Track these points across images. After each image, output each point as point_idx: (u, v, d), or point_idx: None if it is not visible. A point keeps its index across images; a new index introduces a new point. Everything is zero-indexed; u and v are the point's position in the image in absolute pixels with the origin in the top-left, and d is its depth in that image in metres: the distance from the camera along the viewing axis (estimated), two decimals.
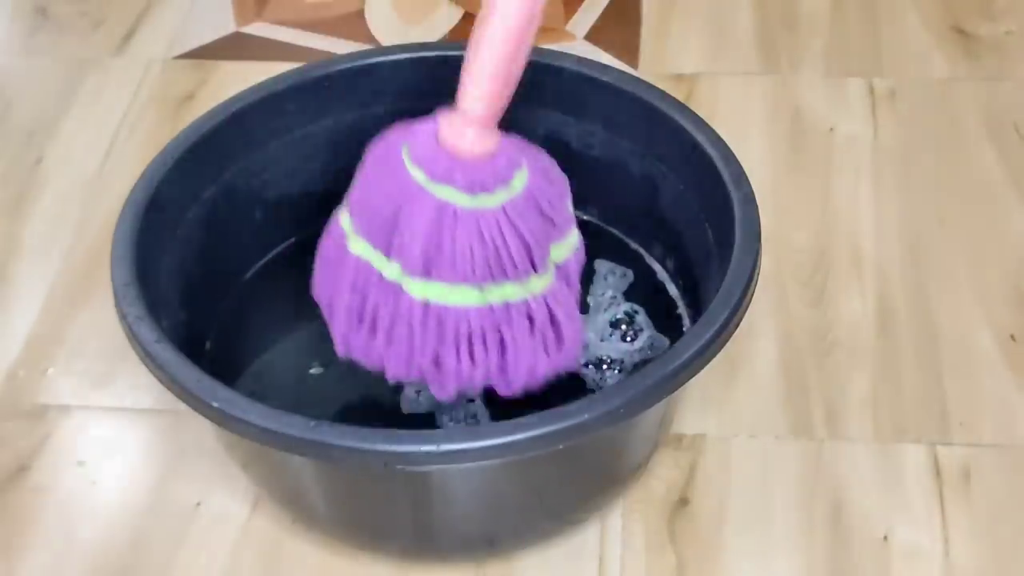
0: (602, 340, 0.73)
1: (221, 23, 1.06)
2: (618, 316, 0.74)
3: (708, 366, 0.61)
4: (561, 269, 0.63)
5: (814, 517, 0.70)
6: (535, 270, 0.60)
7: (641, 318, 0.74)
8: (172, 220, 0.70)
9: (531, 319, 0.60)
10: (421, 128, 0.60)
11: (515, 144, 0.61)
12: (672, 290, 0.76)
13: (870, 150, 0.92)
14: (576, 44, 1.02)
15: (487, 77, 0.57)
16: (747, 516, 0.70)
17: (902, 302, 0.81)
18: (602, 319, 0.74)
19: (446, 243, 0.58)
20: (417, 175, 0.58)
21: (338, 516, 0.68)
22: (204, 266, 0.73)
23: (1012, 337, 0.79)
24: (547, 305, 0.61)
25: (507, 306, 0.59)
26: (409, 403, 0.70)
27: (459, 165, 0.58)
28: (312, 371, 0.73)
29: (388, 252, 0.59)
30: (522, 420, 0.59)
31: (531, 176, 0.60)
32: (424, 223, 0.58)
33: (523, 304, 0.60)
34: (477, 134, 0.58)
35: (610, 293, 0.75)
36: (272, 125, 0.75)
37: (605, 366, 0.72)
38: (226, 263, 0.76)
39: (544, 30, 1.03)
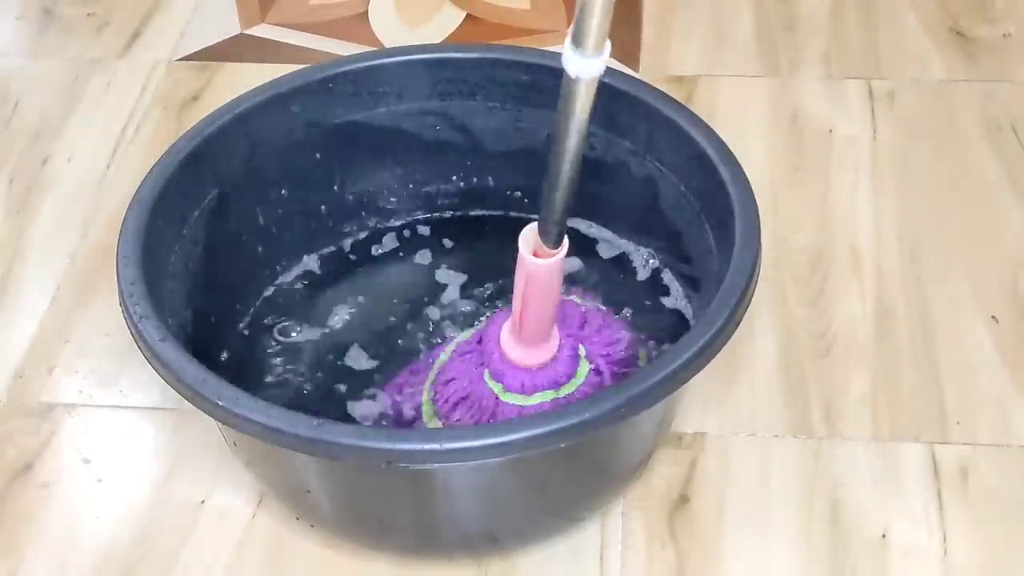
0: None
1: (226, 25, 1.06)
2: None
3: (708, 365, 0.61)
4: None
5: (813, 515, 0.70)
6: None
7: None
8: (178, 220, 0.70)
9: None
10: (493, 345, 0.67)
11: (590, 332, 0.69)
12: (672, 290, 0.77)
13: (869, 151, 0.92)
14: None
15: (534, 323, 0.64)
16: (747, 514, 0.70)
17: (900, 302, 0.81)
18: None
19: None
20: (494, 387, 0.67)
21: (341, 514, 0.68)
22: (209, 266, 0.73)
23: (994, 318, 0.79)
24: None
25: None
26: None
27: (518, 373, 0.66)
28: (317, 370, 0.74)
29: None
30: (523, 419, 0.59)
31: (592, 371, 0.67)
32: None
33: None
34: (532, 353, 0.66)
35: None
36: (276, 126, 0.75)
37: None
38: (231, 263, 0.76)
39: (545, 32, 1.05)
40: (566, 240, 0.61)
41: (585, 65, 0.55)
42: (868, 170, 0.90)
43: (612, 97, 0.74)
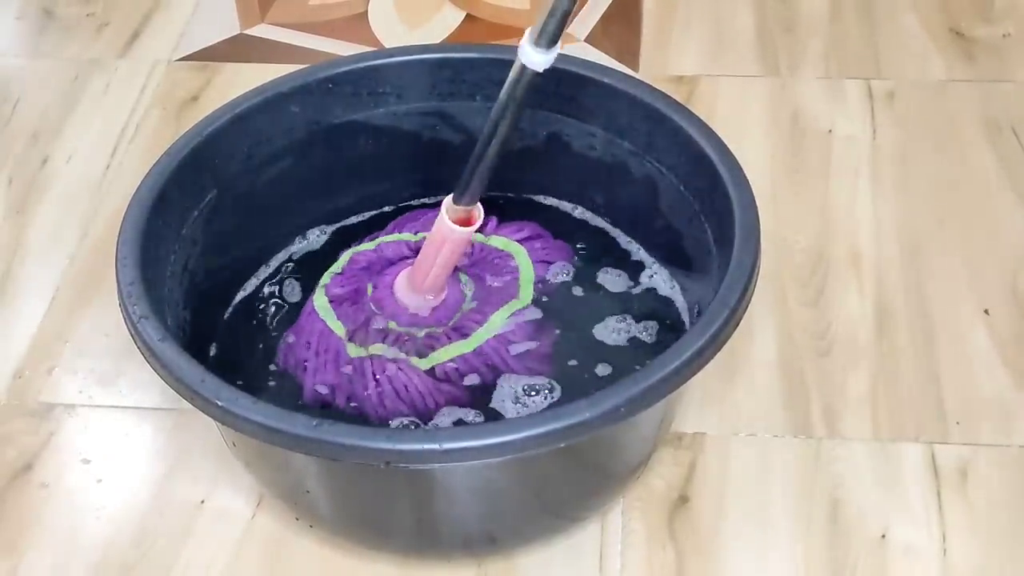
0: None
1: (225, 25, 1.06)
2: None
3: (708, 365, 0.61)
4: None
5: (812, 515, 0.70)
6: None
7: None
8: (177, 220, 0.71)
9: None
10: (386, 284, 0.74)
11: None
12: (672, 290, 0.77)
13: (868, 151, 0.92)
14: (577, 46, 1.03)
15: (433, 277, 0.71)
16: (746, 514, 0.71)
17: (900, 302, 0.81)
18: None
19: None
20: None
21: (340, 514, 0.68)
22: (208, 266, 0.73)
23: (986, 312, 0.80)
24: None
25: None
26: None
27: (404, 314, 0.73)
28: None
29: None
30: (523, 419, 0.59)
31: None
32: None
33: None
34: (416, 300, 0.73)
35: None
36: (276, 126, 0.75)
37: None
38: (230, 263, 0.76)
39: None
40: (480, 212, 0.69)
41: (540, 59, 0.62)
42: (868, 170, 0.90)
43: (612, 97, 0.74)
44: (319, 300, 0.74)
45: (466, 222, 0.69)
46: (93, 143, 0.95)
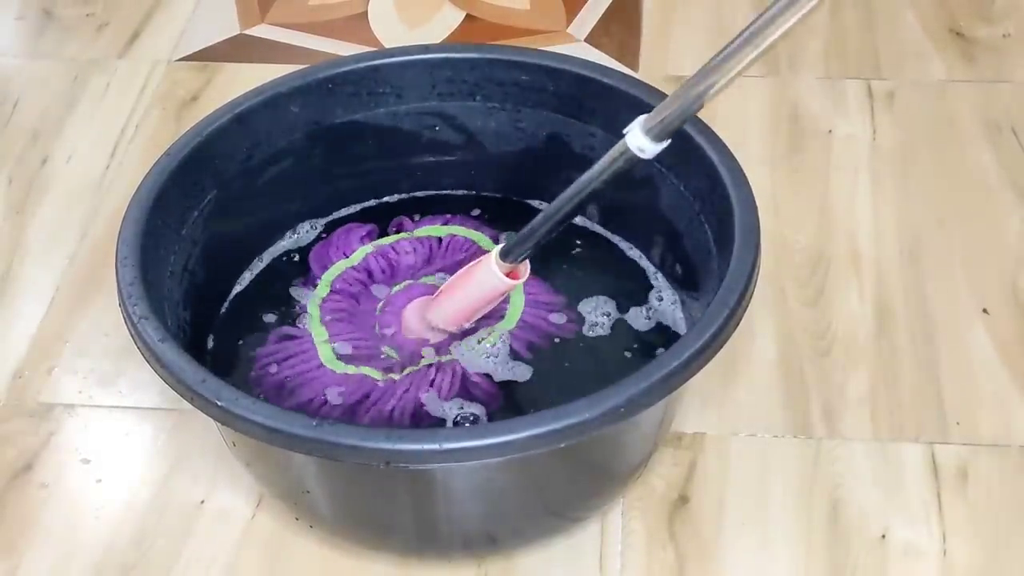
0: None
1: (225, 25, 1.06)
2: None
3: (708, 365, 0.61)
4: None
5: (812, 515, 0.70)
6: None
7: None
8: (176, 220, 0.70)
9: None
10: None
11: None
12: (672, 290, 0.77)
13: (868, 151, 0.92)
14: (577, 46, 1.03)
15: (459, 314, 0.72)
16: (746, 514, 0.71)
17: (900, 302, 0.81)
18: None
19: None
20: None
21: (340, 514, 0.68)
22: (208, 266, 0.73)
23: (985, 311, 0.80)
24: None
25: None
26: None
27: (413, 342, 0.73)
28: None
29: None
30: (523, 419, 0.59)
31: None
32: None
33: None
34: (434, 333, 0.73)
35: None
36: (275, 126, 0.75)
37: None
38: (230, 263, 0.76)
39: (545, 32, 1.05)
40: (528, 264, 0.68)
41: (650, 148, 0.62)
42: (867, 170, 0.91)
43: (612, 97, 0.74)
44: (326, 355, 0.73)
45: (515, 273, 0.69)
46: (93, 143, 0.95)
